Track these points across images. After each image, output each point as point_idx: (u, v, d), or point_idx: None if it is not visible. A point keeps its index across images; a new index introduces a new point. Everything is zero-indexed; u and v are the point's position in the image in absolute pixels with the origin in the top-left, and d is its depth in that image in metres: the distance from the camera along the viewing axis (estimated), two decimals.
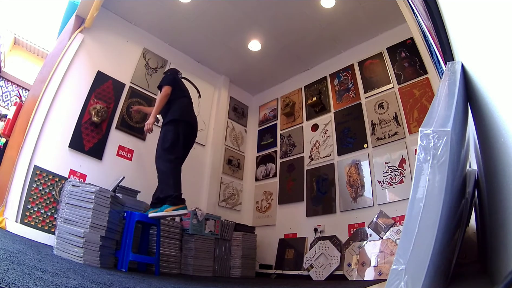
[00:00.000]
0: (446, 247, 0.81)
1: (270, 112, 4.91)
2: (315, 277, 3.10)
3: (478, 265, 1.57)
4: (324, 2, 3.49)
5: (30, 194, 2.66)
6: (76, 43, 3.31)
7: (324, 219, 3.55)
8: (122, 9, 3.74)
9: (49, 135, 2.91)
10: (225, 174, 4.38)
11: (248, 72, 4.76)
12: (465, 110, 0.98)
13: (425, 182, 0.69)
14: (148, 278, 1.96)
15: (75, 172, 2.98)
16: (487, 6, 0.78)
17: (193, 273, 2.95)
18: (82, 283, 1.21)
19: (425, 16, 1.47)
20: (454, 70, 0.96)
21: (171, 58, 4.20)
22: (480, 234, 1.51)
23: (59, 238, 2.19)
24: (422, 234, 0.66)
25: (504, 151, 0.75)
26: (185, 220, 3.16)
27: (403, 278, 0.65)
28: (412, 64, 3.45)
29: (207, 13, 3.72)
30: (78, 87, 3.25)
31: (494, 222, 0.97)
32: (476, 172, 1.28)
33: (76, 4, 3.54)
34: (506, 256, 0.79)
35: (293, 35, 4.00)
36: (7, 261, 1.20)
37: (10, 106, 5.79)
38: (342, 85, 4.09)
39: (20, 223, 2.54)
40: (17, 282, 0.88)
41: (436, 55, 1.62)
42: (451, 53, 1.25)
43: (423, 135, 0.71)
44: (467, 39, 1.01)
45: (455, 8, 1.08)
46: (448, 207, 0.70)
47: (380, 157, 3.35)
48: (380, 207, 3.08)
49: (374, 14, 3.59)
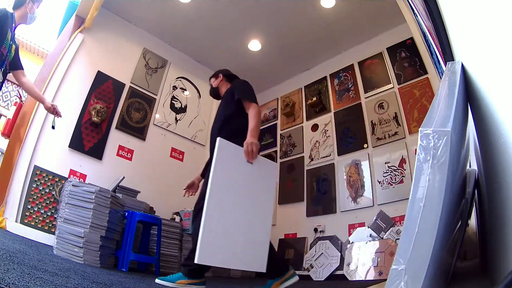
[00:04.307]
0: (446, 247, 0.81)
1: (270, 112, 4.91)
2: (315, 277, 3.10)
3: (478, 265, 1.57)
4: (324, 2, 3.49)
5: (30, 194, 2.66)
6: (76, 43, 3.32)
7: (324, 219, 3.55)
8: (122, 9, 3.74)
9: (49, 135, 2.91)
10: None
11: (248, 72, 4.74)
12: (465, 110, 0.98)
13: (425, 182, 0.69)
14: (148, 278, 1.96)
15: (75, 172, 2.98)
16: (487, 6, 0.78)
17: None
18: (82, 283, 1.21)
19: (425, 16, 1.47)
20: (454, 70, 0.96)
21: (171, 58, 4.21)
22: (480, 234, 1.51)
23: (59, 238, 2.19)
24: (422, 234, 0.66)
25: (504, 151, 0.75)
26: (185, 220, 3.16)
27: (403, 278, 0.65)
28: (412, 64, 3.45)
29: (207, 13, 3.72)
30: (78, 87, 3.25)
31: (494, 222, 0.97)
32: (476, 172, 1.28)
33: (76, 4, 3.54)
34: (506, 256, 0.79)
35: (293, 35, 4.00)
36: (7, 261, 1.20)
37: (10, 106, 5.79)
38: (342, 85, 4.09)
39: (20, 223, 2.55)
40: (17, 282, 0.88)
41: (436, 55, 1.62)
42: (451, 53, 1.25)
43: (423, 135, 0.71)
44: (467, 39, 1.01)
45: (455, 8, 1.08)
46: (448, 207, 0.70)
47: (380, 157, 3.35)
48: (380, 207, 3.08)
49: (374, 14, 3.59)
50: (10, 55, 2.08)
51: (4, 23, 1.95)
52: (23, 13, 2.15)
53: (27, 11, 2.16)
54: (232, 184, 1.60)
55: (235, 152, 1.65)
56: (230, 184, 1.59)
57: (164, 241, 2.85)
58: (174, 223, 3.06)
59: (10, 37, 2.01)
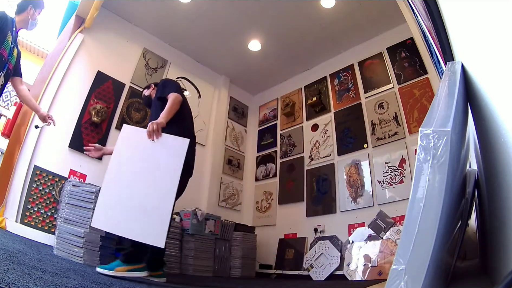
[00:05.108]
0: (446, 247, 0.81)
1: (270, 112, 4.91)
2: (315, 277, 3.10)
3: (478, 265, 1.57)
4: (324, 2, 3.49)
5: (30, 194, 2.66)
6: (76, 43, 3.32)
7: (324, 219, 3.55)
8: (122, 9, 3.74)
9: (49, 135, 2.90)
10: (225, 174, 4.38)
11: (248, 72, 4.76)
12: (465, 110, 0.98)
13: (425, 182, 0.69)
14: (148, 278, 1.96)
15: (75, 172, 2.98)
16: (487, 6, 0.78)
17: (193, 273, 2.95)
18: (82, 283, 1.21)
19: (425, 16, 1.47)
20: (454, 70, 0.96)
21: (171, 58, 4.21)
22: (480, 234, 1.51)
23: (59, 238, 2.19)
24: (422, 234, 0.66)
25: (504, 151, 0.75)
26: (185, 220, 3.16)
27: (403, 278, 0.65)
28: (412, 64, 3.45)
29: (207, 13, 3.72)
30: (78, 87, 3.25)
31: (494, 221, 0.97)
32: (476, 172, 1.28)
33: (76, 4, 3.54)
34: (506, 256, 0.79)
35: (293, 35, 4.00)
36: (7, 261, 1.20)
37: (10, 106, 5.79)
38: (342, 85, 4.09)
39: (20, 223, 2.55)
40: (17, 282, 0.88)
41: (436, 55, 1.62)
42: (451, 53, 1.25)
43: (423, 135, 0.71)
44: (467, 39, 1.01)
45: (455, 8, 1.08)
46: (448, 207, 0.70)
47: (380, 157, 3.35)
48: (380, 207, 3.08)
49: (374, 14, 3.59)
50: (12, 58, 2.07)
51: (3, 24, 1.95)
52: (24, 18, 2.16)
53: (29, 17, 2.16)
54: (131, 161, 1.82)
55: (138, 133, 1.86)
56: (128, 160, 1.82)
57: None
58: (174, 223, 3.06)
59: (11, 40, 2.01)
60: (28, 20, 2.17)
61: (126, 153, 1.85)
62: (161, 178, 1.74)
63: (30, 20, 2.18)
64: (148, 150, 1.80)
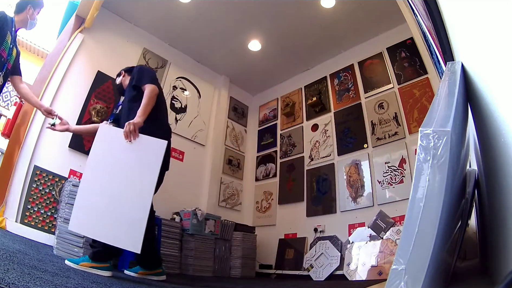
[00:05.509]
0: (446, 247, 0.81)
1: (270, 112, 4.91)
2: (315, 277, 3.10)
3: (478, 265, 1.57)
4: (324, 2, 3.49)
5: (30, 194, 2.66)
6: (76, 43, 3.31)
7: (324, 219, 3.55)
8: (122, 9, 3.74)
9: (49, 135, 2.90)
10: (225, 174, 4.38)
11: (248, 72, 4.76)
12: (465, 110, 0.98)
13: (425, 182, 0.69)
14: (148, 278, 1.96)
15: (75, 172, 2.98)
16: (487, 6, 0.78)
17: (193, 273, 2.95)
18: (82, 283, 1.21)
19: (425, 16, 1.47)
20: (454, 70, 0.96)
21: (171, 58, 4.20)
22: (480, 234, 1.51)
23: (59, 238, 2.19)
24: (422, 234, 0.66)
25: (504, 151, 0.75)
26: (185, 220, 3.16)
27: (403, 278, 0.65)
28: (412, 64, 3.46)
29: (207, 13, 3.72)
30: (78, 87, 3.25)
31: (494, 222, 0.97)
32: (476, 172, 1.28)
33: (76, 4, 3.54)
34: (506, 256, 0.79)
35: (293, 35, 4.00)
36: (7, 261, 1.20)
37: (10, 106, 5.79)
38: (342, 85, 4.09)
39: (20, 223, 2.55)
40: (17, 282, 0.88)
41: (436, 55, 1.62)
42: (451, 53, 1.25)
43: (423, 135, 0.71)
44: (467, 39, 1.01)
45: (455, 8, 1.08)
46: (448, 207, 0.70)
47: (380, 157, 3.35)
48: (380, 207, 3.08)
49: (374, 14, 3.59)
50: (11, 58, 2.07)
51: (3, 24, 1.95)
52: (23, 18, 2.15)
53: (28, 16, 2.16)
54: (107, 162, 1.75)
55: (115, 134, 1.80)
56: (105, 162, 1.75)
57: (164, 241, 2.86)
58: (174, 223, 3.06)
59: (10, 41, 2.01)
60: (27, 19, 2.17)
61: (103, 154, 1.78)
62: (138, 181, 1.68)
63: (29, 20, 2.17)
64: (125, 151, 1.73)
